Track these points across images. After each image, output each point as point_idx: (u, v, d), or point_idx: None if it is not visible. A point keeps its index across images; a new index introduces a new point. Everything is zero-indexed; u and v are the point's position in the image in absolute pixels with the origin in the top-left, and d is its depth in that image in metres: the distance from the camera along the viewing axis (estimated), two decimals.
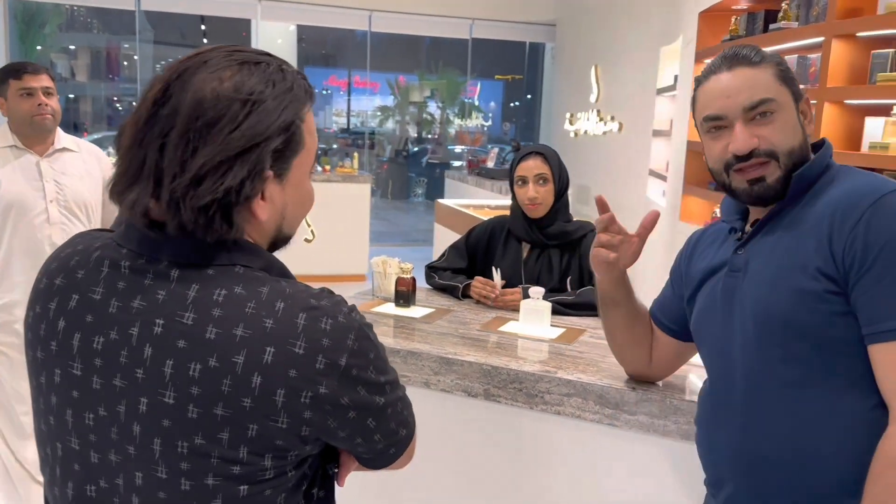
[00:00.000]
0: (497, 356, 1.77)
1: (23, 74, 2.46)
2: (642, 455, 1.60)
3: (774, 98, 1.23)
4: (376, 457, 0.96)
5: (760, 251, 1.25)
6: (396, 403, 0.93)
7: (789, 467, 1.18)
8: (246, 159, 0.82)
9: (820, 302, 1.14)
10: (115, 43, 13.46)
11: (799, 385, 1.17)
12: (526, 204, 2.27)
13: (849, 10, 3.48)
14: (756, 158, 1.22)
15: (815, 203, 1.21)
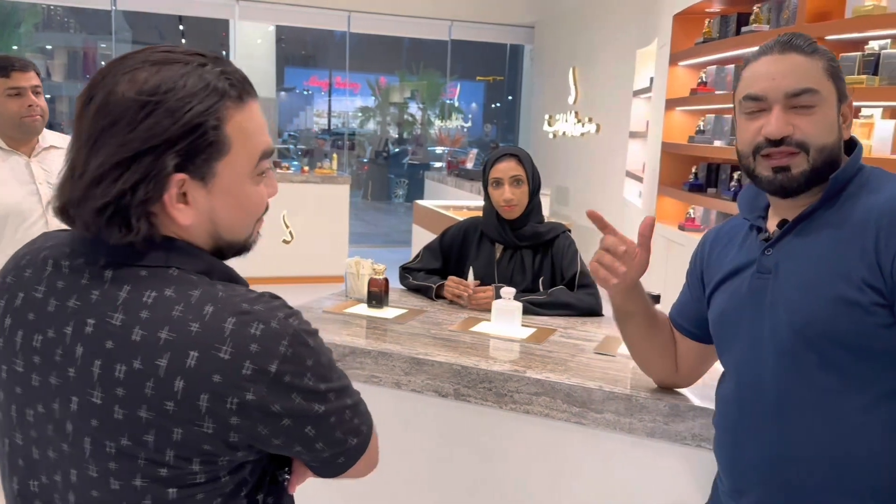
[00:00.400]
0: (468, 356, 1.78)
1: (11, 72, 2.29)
2: (609, 452, 1.62)
3: (819, 91, 1.19)
4: (323, 465, 0.94)
5: (793, 254, 1.21)
6: (343, 412, 0.91)
7: (823, 474, 1.16)
8: (141, 162, 0.81)
9: (865, 314, 1.11)
10: (91, 43, 13.31)
11: (836, 392, 1.15)
12: (502, 205, 2.29)
13: (818, 13, 3.53)
14: (787, 146, 1.19)
15: (851, 207, 1.18)
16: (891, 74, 3.19)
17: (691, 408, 1.53)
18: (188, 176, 0.85)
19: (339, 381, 0.92)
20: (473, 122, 16.49)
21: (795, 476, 1.18)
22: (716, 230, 1.45)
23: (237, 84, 0.89)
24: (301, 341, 0.86)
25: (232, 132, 0.88)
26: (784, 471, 1.19)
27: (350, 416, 0.92)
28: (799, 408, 1.17)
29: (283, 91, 16.51)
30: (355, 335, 1.92)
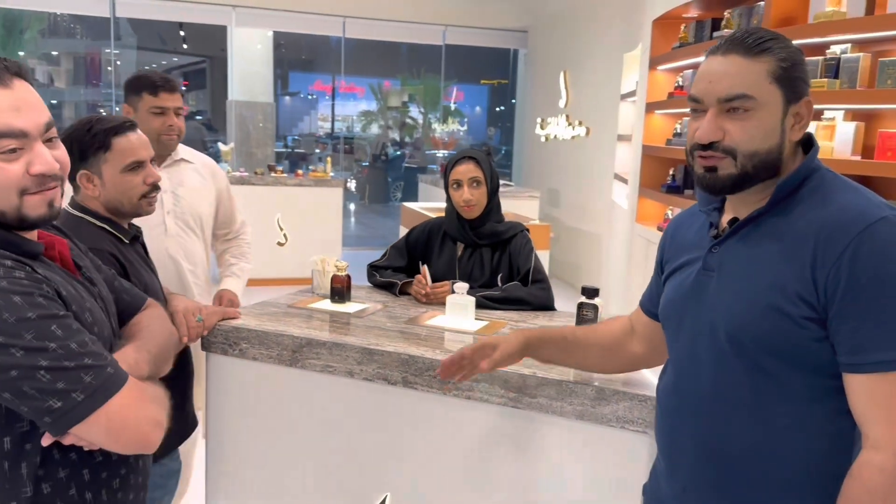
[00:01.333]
0: (416, 346, 1.89)
1: (160, 92, 2.38)
2: (543, 434, 1.72)
3: (754, 96, 1.18)
4: (39, 420, 1.06)
5: (735, 256, 1.25)
6: (34, 371, 1.02)
7: (749, 470, 1.23)
8: None
9: (796, 326, 1.15)
10: (96, 48, 13.48)
11: (764, 394, 1.21)
12: (461, 206, 2.40)
13: (782, 18, 3.64)
14: (713, 151, 1.21)
15: (798, 216, 1.20)
16: (850, 78, 3.29)
17: (615, 392, 1.63)
18: None
19: (37, 342, 1.02)
20: (477, 125, 16.57)
21: (723, 468, 1.26)
22: (677, 219, 1.50)
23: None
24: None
25: None
26: (712, 462, 1.27)
27: (47, 379, 1.03)
28: (729, 405, 1.24)
29: (287, 96, 16.66)
30: (314, 328, 2.03)
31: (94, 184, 1.77)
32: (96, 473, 1.19)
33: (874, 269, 1.10)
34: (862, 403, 1.13)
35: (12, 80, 1.11)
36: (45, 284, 1.10)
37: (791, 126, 1.22)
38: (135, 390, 1.14)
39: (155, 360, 1.32)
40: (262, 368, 1.98)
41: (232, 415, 2.04)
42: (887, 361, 1.10)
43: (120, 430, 1.10)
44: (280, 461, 2.00)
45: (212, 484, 2.09)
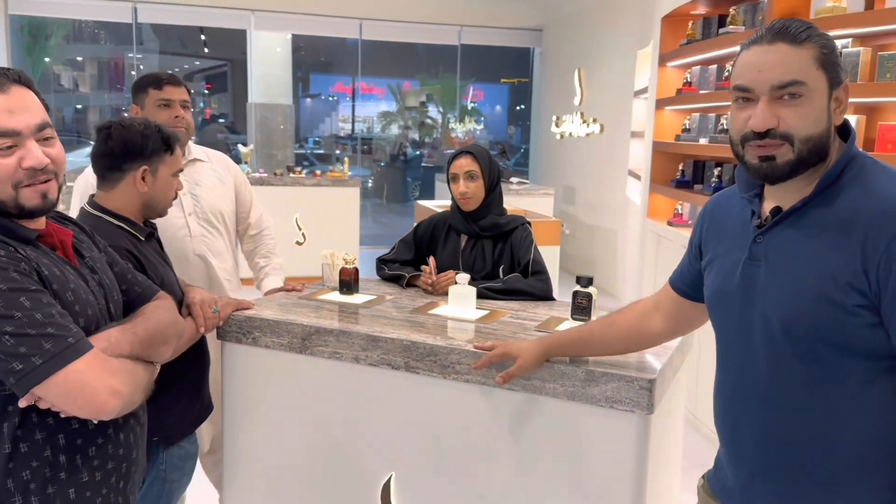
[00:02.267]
0: (418, 333, 1.99)
1: (164, 85, 2.45)
2: (537, 414, 1.82)
3: (805, 82, 1.21)
4: (5, 380, 1.20)
5: (782, 246, 1.28)
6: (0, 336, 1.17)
7: (809, 451, 1.27)
8: None
9: (849, 315, 1.18)
10: (119, 53, 13.72)
11: (820, 381, 1.24)
12: (458, 198, 2.50)
13: (785, 14, 3.68)
14: (771, 139, 1.23)
15: (842, 203, 1.23)
16: (851, 71, 3.33)
17: (604, 374, 1.72)
18: None
19: (4, 310, 1.17)
20: (498, 124, 16.60)
21: (787, 454, 1.30)
22: (715, 201, 1.51)
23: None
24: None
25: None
26: (776, 449, 1.31)
27: (10, 343, 1.17)
28: (787, 393, 1.28)
29: (308, 98, 16.82)
30: (323, 317, 2.14)
31: (147, 181, 1.91)
32: (71, 439, 1.31)
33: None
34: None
35: (10, 86, 1.25)
36: (24, 263, 1.24)
37: (834, 110, 1.26)
38: (96, 361, 1.26)
39: (142, 343, 1.42)
40: (274, 356, 2.09)
41: (246, 399, 2.15)
42: None
43: (77, 393, 1.22)
44: (291, 441, 2.12)
45: (228, 464, 2.20)
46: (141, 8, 8.79)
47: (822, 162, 1.26)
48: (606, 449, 1.75)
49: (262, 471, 2.17)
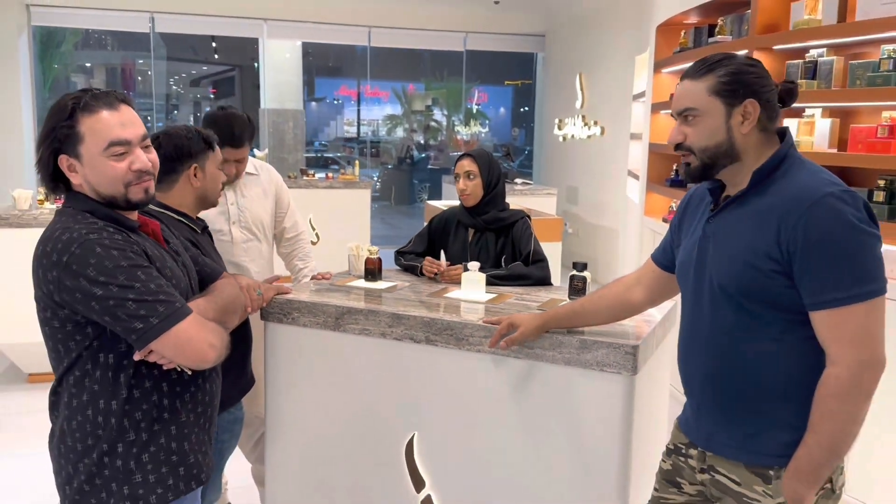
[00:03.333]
0: (436, 312, 2.31)
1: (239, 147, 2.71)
2: (539, 377, 2.13)
3: (697, 108, 1.59)
4: (127, 337, 1.52)
5: (724, 226, 1.63)
6: (124, 301, 1.47)
7: (740, 385, 1.61)
8: (40, 152, 1.56)
9: (767, 278, 1.52)
10: (129, 60, 14.02)
11: (748, 329, 1.58)
12: (459, 195, 2.84)
13: (767, 26, 4.00)
14: (681, 150, 1.64)
15: (771, 191, 1.55)
16: (826, 79, 3.65)
17: (595, 342, 2.03)
18: (66, 154, 1.53)
19: (127, 281, 1.48)
20: (502, 126, 16.87)
21: (723, 388, 1.65)
22: (691, 192, 1.87)
23: (88, 102, 1.52)
24: (90, 248, 1.47)
25: (84, 129, 1.52)
26: (715, 384, 1.66)
27: (133, 307, 1.48)
28: (723, 340, 1.63)
29: (313, 101, 17.14)
30: (352, 300, 2.46)
31: (198, 177, 2.23)
32: (172, 387, 1.63)
33: (821, 233, 1.46)
34: (823, 332, 1.51)
35: (119, 104, 1.57)
36: (136, 245, 1.56)
37: (740, 123, 1.59)
38: (196, 321, 1.57)
39: (219, 310, 1.75)
40: (311, 333, 2.41)
41: (287, 372, 2.47)
42: (837, 299, 1.47)
43: (185, 346, 1.53)
44: (326, 406, 2.43)
45: (271, 429, 2.52)
46: (158, 18, 9.15)
47: (735, 163, 1.62)
48: (598, 406, 2.06)
49: (301, 434, 2.48)
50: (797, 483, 1.55)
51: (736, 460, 1.66)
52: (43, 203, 4.82)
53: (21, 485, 3.46)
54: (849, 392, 1.49)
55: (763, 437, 1.62)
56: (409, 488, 2.34)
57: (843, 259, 1.46)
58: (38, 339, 1.61)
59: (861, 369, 1.48)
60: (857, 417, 1.50)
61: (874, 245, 1.49)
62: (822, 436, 1.51)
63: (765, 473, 1.61)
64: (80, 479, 1.56)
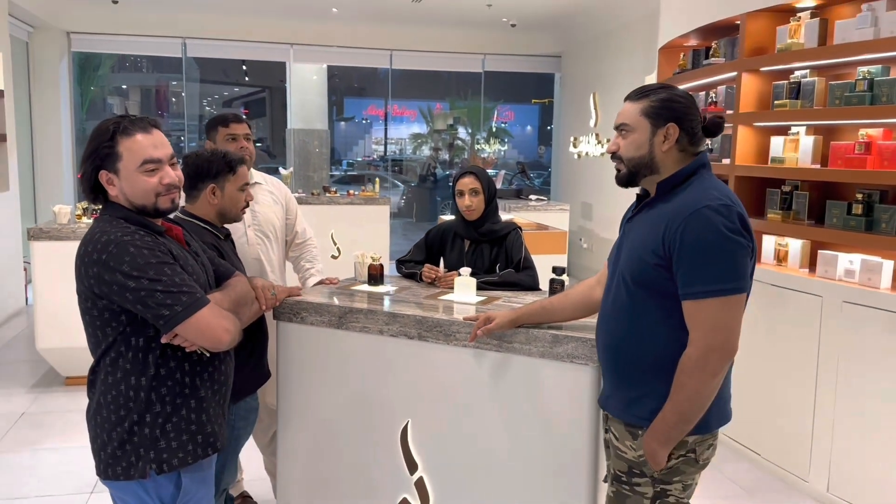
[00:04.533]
0: (429, 312, 2.57)
1: (230, 123, 3.06)
2: (516, 368, 2.38)
3: (629, 124, 1.90)
4: (155, 322, 1.79)
5: (634, 227, 1.95)
6: (153, 292, 1.75)
7: (625, 356, 1.93)
8: (84, 168, 1.84)
9: (652, 269, 1.83)
10: (163, 81, 14.54)
11: (637, 311, 1.88)
12: (463, 210, 3.09)
13: (755, 49, 4.23)
14: (615, 158, 1.95)
15: (672, 201, 1.84)
16: (809, 98, 3.86)
17: (566, 336, 2.28)
18: (105, 170, 1.82)
19: (156, 275, 1.76)
20: (528, 143, 17.06)
21: (614, 357, 1.97)
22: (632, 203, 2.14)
23: (127, 126, 1.83)
24: (124, 247, 1.76)
25: (122, 149, 1.82)
26: (609, 353, 1.98)
27: (161, 297, 1.76)
28: (618, 319, 1.94)
29: (342, 121, 17.56)
30: (355, 301, 2.73)
31: (216, 195, 2.52)
32: (192, 366, 1.91)
33: (694, 237, 1.76)
34: (687, 318, 1.80)
35: (152, 129, 1.87)
36: (163, 246, 1.85)
37: (661, 141, 1.89)
38: (214, 310, 1.85)
39: (233, 302, 2.04)
40: (317, 331, 2.68)
41: (296, 366, 2.74)
42: (699, 292, 1.76)
43: (204, 330, 1.81)
44: (330, 397, 2.70)
45: (283, 417, 2.79)
46: (190, 43, 9.60)
47: (654, 174, 1.92)
48: (569, 393, 2.30)
49: (310, 421, 2.75)
50: (652, 440, 1.86)
51: (619, 419, 1.97)
52: (81, 217, 5.18)
53: (61, 474, 3.78)
54: (696, 370, 1.77)
55: (640, 402, 1.91)
56: (405, 470, 2.60)
57: (709, 260, 1.75)
58: (76, 344, 1.92)
59: (708, 351, 1.76)
60: (700, 391, 1.79)
61: (738, 251, 1.76)
62: (675, 403, 1.81)
63: (635, 432, 1.93)
64: (114, 446, 1.84)
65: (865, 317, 3.35)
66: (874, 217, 3.52)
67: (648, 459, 1.88)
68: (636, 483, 1.94)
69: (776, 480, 3.82)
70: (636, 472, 1.94)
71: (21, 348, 6.09)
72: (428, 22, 9.66)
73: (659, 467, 1.87)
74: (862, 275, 3.46)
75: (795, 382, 3.66)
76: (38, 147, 8.97)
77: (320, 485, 2.77)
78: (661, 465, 1.87)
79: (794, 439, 3.71)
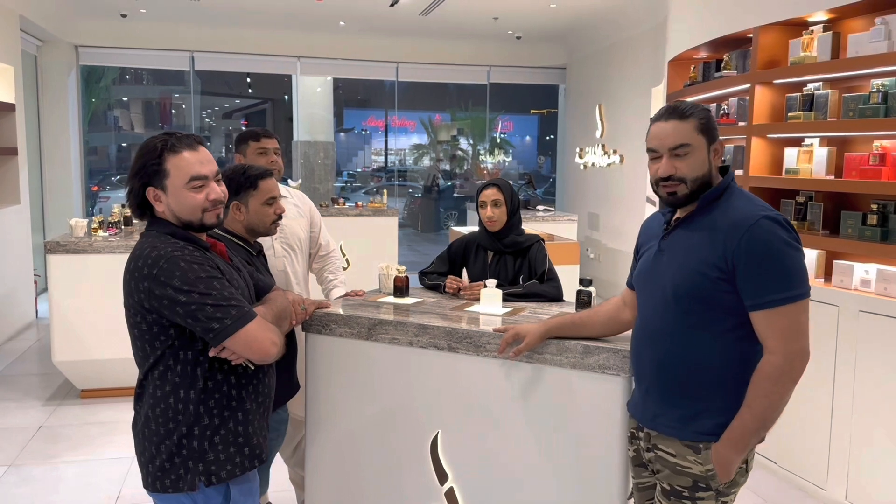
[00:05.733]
0: (458, 323, 2.60)
1: (261, 137, 3.14)
2: (548, 380, 2.41)
3: (690, 143, 1.87)
4: (205, 335, 1.82)
5: (677, 241, 1.94)
6: (204, 306, 1.78)
7: (682, 374, 1.92)
8: (132, 184, 1.89)
9: (712, 283, 1.83)
10: (166, 94, 14.59)
11: (693, 327, 1.88)
12: (486, 221, 3.13)
13: (767, 62, 4.28)
14: (672, 181, 1.89)
15: (715, 215, 1.87)
16: (822, 110, 3.91)
17: (597, 347, 2.31)
18: (153, 187, 1.85)
19: (206, 289, 1.79)
20: (528, 154, 17.14)
21: (666, 375, 1.97)
22: (648, 219, 2.20)
23: (174, 144, 1.87)
24: (175, 263, 1.78)
25: (169, 166, 1.85)
26: (663, 372, 1.98)
27: (211, 311, 1.78)
28: (671, 335, 1.95)
29: (342, 132, 17.63)
30: (383, 313, 2.76)
31: (241, 211, 2.55)
32: (238, 379, 1.94)
33: (760, 248, 1.79)
34: (761, 328, 1.82)
35: (198, 146, 1.90)
36: (211, 261, 1.89)
37: (714, 157, 1.94)
38: (261, 323, 1.88)
39: (275, 316, 2.07)
40: (346, 343, 2.71)
41: (325, 377, 2.77)
42: (774, 300, 1.79)
43: (252, 343, 1.84)
44: (359, 408, 2.73)
45: (311, 428, 2.82)
46: (197, 56, 9.65)
47: (706, 189, 1.94)
48: (600, 403, 2.33)
49: (337, 433, 2.78)
50: (728, 449, 1.86)
51: (673, 437, 1.96)
52: (97, 231, 5.21)
53: (83, 486, 3.79)
54: (781, 376, 1.80)
55: (698, 418, 1.92)
56: (434, 481, 2.62)
57: (777, 269, 1.78)
58: (91, 357, 1.95)
59: (792, 358, 1.80)
60: (784, 398, 1.82)
61: (799, 258, 1.82)
62: (756, 410, 1.82)
63: (696, 447, 1.93)
64: (162, 458, 1.87)
65: (882, 326, 3.39)
66: (889, 227, 3.56)
67: (720, 470, 1.88)
68: (699, 497, 1.94)
69: (794, 489, 3.84)
70: (702, 487, 1.93)
71: (33, 361, 6.11)
72: (434, 34, 9.74)
73: (729, 478, 1.89)
74: (878, 284, 3.50)
75: (812, 391, 3.69)
76: (47, 160, 9.01)
77: (348, 496, 2.79)
78: (731, 476, 1.89)
79: (811, 448, 3.74)
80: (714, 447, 1.89)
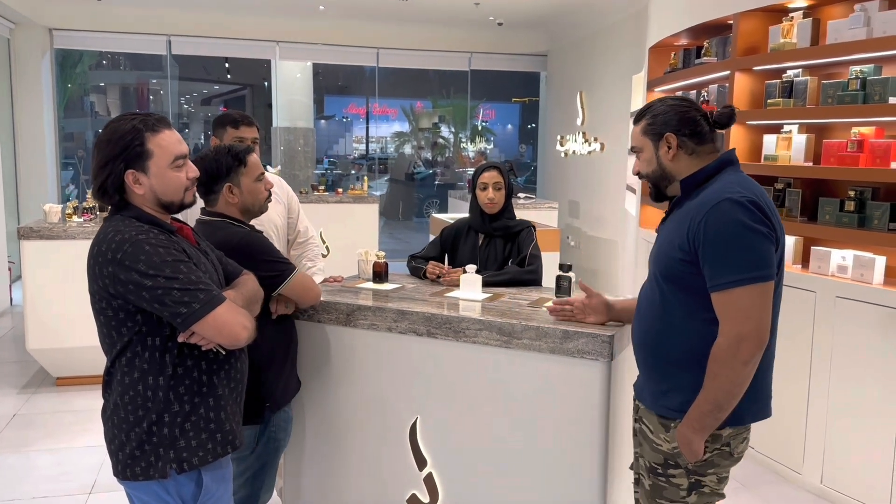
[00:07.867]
0: (437, 308, 2.58)
1: (240, 125, 3.05)
2: (527, 365, 2.40)
3: (637, 146, 2.07)
4: (173, 320, 1.79)
5: (665, 226, 2.04)
6: (170, 290, 1.74)
7: (655, 350, 2.01)
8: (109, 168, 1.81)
9: (679, 265, 1.90)
10: (143, 79, 14.39)
11: (665, 307, 1.96)
12: (486, 203, 3.13)
13: (747, 48, 4.28)
14: (643, 177, 2.10)
15: (696, 198, 1.92)
16: (801, 97, 3.92)
17: (576, 332, 2.30)
18: (133, 170, 1.79)
19: (172, 273, 1.76)
20: (509, 142, 17.13)
21: (647, 350, 2.05)
22: None
23: (154, 124, 1.83)
24: (139, 246, 1.75)
25: (152, 146, 1.81)
26: (641, 347, 2.07)
27: (178, 295, 1.75)
28: (649, 314, 2.03)
29: (322, 119, 17.49)
30: (362, 299, 2.73)
31: (235, 193, 2.44)
32: (209, 365, 1.90)
33: (716, 230, 1.82)
34: (717, 309, 1.85)
35: (171, 126, 1.86)
36: (178, 244, 1.85)
37: (666, 152, 2.02)
38: (230, 307, 1.84)
39: (246, 299, 2.02)
40: (325, 329, 2.68)
41: (308, 362, 2.74)
42: (726, 282, 1.82)
43: (222, 327, 1.80)
44: (340, 393, 2.71)
45: (297, 412, 2.79)
46: (174, 41, 9.52)
47: (672, 182, 2.05)
48: (580, 388, 2.33)
49: (317, 419, 2.76)
50: (687, 429, 1.91)
51: (651, 410, 2.05)
52: (71, 216, 5.13)
53: (58, 475, 3.74)
54: (728, 358, 1.82)
55: (669, 394, 1.98)
56: (413, 467, 2.61)
57: (732, 251, 1.81)
58: (66, 345, 1.91)
59: (739, 340, 1.81)
60: (733, 380, 1.83)
61: (761, 241, 1.82)
62: (708, 392, 1.86)
63: (667, 424, 1.99)
64: (132, 446, 1.83)
65: (858, 311, 3.41)
66: (866, 214, 3.59)
67: (683, 449, 1.93)
68: (671, 475, 1.99)
69: (770, 473, 3.88)
70: (671, 464, 1.99)
71: (8, 349, 6.02)
72: (415, 20, 9.66)
73: (695, 458, 1.92)
74: (854, 270, 3.53)
75: (789, 376, 3.72)
76: (21, 145, 8.86)
77: (327, 482, 2.77)
78: (697, 456, 1.91)
79: (788, 432, 3.77)
80: (678, 428, 1.95)
